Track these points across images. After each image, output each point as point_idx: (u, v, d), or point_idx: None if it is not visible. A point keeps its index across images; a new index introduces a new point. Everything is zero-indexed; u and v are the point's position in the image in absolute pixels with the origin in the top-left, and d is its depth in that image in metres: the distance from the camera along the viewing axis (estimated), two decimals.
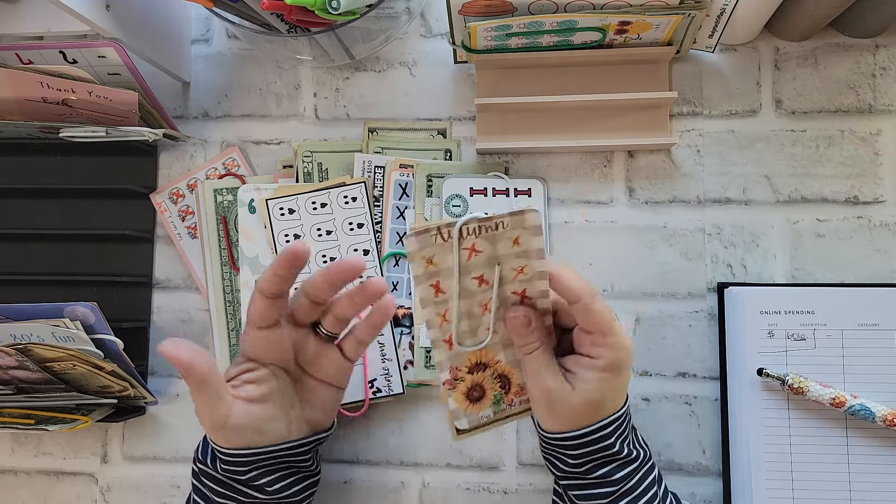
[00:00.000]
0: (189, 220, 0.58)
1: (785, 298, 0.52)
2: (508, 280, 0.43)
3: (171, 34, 0.57)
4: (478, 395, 0.46)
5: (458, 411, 0.45)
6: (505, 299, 0.43)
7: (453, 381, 0.45)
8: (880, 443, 0.50)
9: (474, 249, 0.41)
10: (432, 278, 0.41)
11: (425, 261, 0.40)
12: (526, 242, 0.41)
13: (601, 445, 0.42)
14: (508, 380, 0.46)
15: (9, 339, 0.47)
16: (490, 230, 0.40)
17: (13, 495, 0.58)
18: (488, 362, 0.45)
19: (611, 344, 0.41)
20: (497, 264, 0.42)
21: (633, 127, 0.55)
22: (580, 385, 0.42)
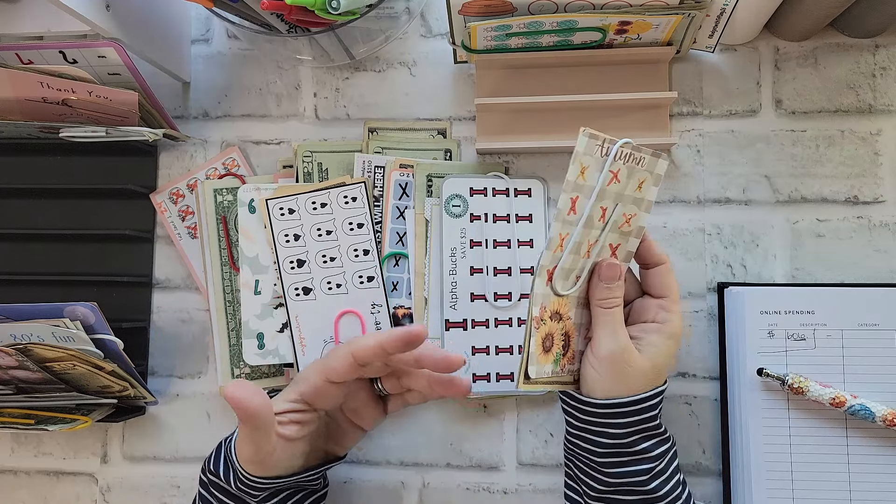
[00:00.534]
0: (189, 220, 0.58)
1: (785, 298, 0.52)
2: (616, 227, 0.45)
3: (171, 34, 0.57)
4: (548, 345, 0.45)
5: (534, 356, 0.44)
6: (603, 248, 0.45)
7: (540, 321, 0.44)
8: (880, 443, 0.50)
9: (616, 177, 0.43)
10: (575, 191, 0.42)
11: (581, 168, 0.42)
12: (646, 190, 0.44)
13: (649, 416, 0.43)
14: (569, 342, 0.46)
15: (9, 339, 0.47)
16: (634, 161, 0.43)
17: (13, 495, 0.58)
18: (563, 315, 0.45)
19: (677, 310, 0.45)
20: (619, 203, 0.44)
21: (633, 127, 0.55)
22: (648, 348, 0.44)
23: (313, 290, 0.54)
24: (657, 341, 0.44)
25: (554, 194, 0.56)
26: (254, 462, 0.42)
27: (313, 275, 0.55)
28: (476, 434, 0.55)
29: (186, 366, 0.58)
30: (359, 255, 0.55)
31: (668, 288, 0.45)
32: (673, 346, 0.44)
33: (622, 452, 0.43)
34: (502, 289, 0.54)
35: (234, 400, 0.40)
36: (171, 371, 0.58)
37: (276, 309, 0.55)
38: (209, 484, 0.46)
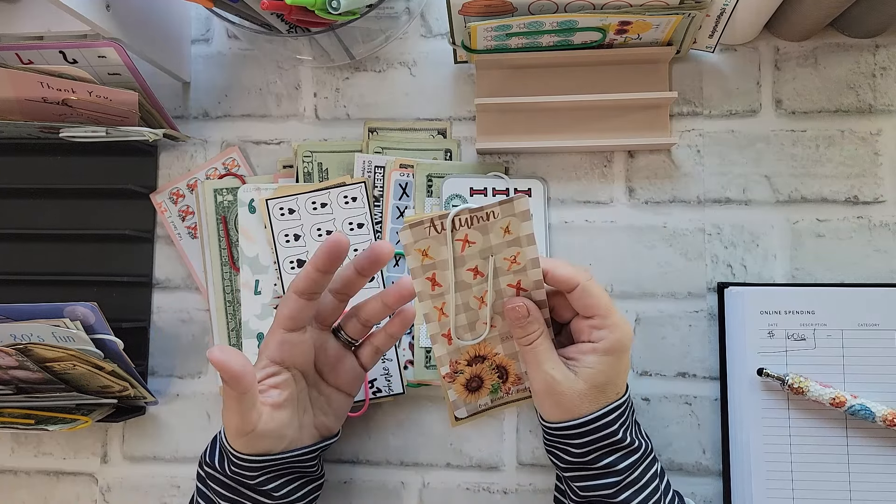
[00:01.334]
0: (189, 220, 0.58)
1: (785, 298, 0.52)
2: (503, 271, 0.43)
3: (171, 34, 0.57)
4: (476, 385, 0.47)
5: (458, 402, 0.47)
6: (500, 292, 0.44)
7: (453, 374, 0.46)
8: (880, 443, 0.50)
9: (467, 240, 0.42)
10: (428, 271, 0.42)
11: (421, 253, 0.41)
12: (516, 229, 0.42)
13: (605, 433, 0.43)
14: (506, 370, 0.47)
15: (9, 339, 0.47)
16: (481, 220, 0.41)
17: (13, 495, 0.58)
18: (486, 355, 0.46)
19: (611, 325, 0.42)
20: (490, 255, 0.42)
21: (633, 127, 0.55)
22: (584, 370, 0.42)
23: None
24: (593, 362, 0.42)
25: (554, 194, 0.56)
26: (243, 435, 0.42)
27: None
28: (476, 434, 0.55)
29: (186, 366, 0.58)
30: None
31: (592, 307, 0.42)
32: (613, 360, 0.42)
33: (585, 468, 0.44)
34: None
35: (220, 363, 0.39)
36: (171, 371, 0.58)
37: (276, 309, 0.55)
38: (206, 477, 0.46)
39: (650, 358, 0.55)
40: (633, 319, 0.55)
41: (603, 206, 0.56)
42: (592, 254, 0.56)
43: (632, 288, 0.55)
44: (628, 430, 0.44)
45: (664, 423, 0.54)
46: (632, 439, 0.44)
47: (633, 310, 0.55)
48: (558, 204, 0.56)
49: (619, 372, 0.43)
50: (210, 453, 0.46)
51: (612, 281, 0.55)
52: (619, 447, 0.43)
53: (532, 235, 0.42)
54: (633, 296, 0.55)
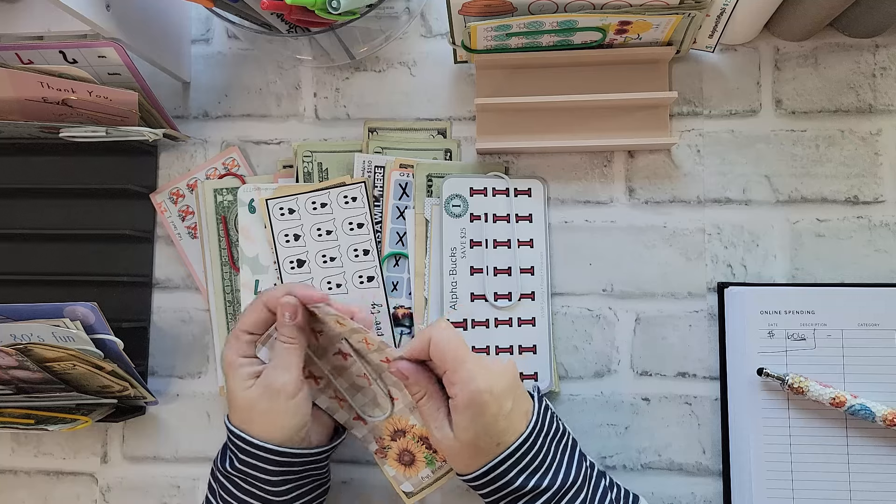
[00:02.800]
0: (189, 220, 0.58)
1: (785, 298, 0.52)
2: (366, 351, 0.46)
3: (171, 34, 0.57)
4: (409, 459, 0.48)
5: (399, 476, 0.48)
6: (378, 367, 0.47)
7: (382, 449, 0.49)
8: (880, 443, 0.50)
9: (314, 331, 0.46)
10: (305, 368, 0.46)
11: None
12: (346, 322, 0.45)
13: (501, 483, 0.42)
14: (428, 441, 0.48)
15: (9, 339, 0.47)
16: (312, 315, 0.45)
17: (13, 495, 0.58)
18: (404, 428, 0.48)
19: (462, 378, 0.41)
20: (343, 339, 0.46)
21: (633, 127, 0.55)
22: (455, 429, 0.42)
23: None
24: (459, 420, 0.41)
25: (554, 194, 0.56)
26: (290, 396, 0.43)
27: (313, 275, 0.55)
28: None
29: (186, 366, 0.58)
30: (359, 255, 0.55)
31: (443, 361, 0.42)
32: (473, 415, 0.41)
33: None
34: (502, 289, 0.54)
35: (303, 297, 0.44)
36: (171, 371, 0.58)
37: None
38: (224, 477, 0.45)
39: (650, 358, 0.55)
40: (633, 319, 0.55)
41: (603, 206, 0.56)
42: (592, 254, 0.56)
43: (632, 288, 0.55)
44: (534, 475, 0.42)
45: (664, 423, 0.54)
46: (537, 482, 0.42)
47: (633, 310, 0.55)
48: (558, 204, 0.56)
49: (486, 425, 0.41)
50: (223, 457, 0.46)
51: (612, 281, 0.55)
52: (521, 494, 0.42)
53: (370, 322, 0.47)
54: (633, 296, 0.55)
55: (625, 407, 0.54)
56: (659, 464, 0.54)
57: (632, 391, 0.54)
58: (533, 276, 0.54)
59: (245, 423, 0.44)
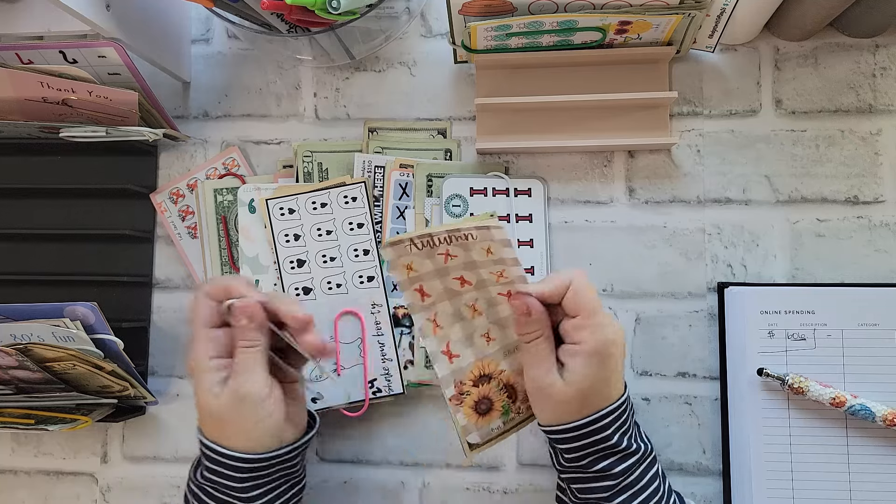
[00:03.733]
0: (189, 220, 0.58)
1: (785, 298, 0.52)
2: (492, 282, 0.43)
3: (171, 34, 0.57)
4: (486, 407, 0.46)
5: (469, 426, 0.45)
6: (492, 300, 0.44)
7: (459, 395, 0.45)
8: (880, 443, 0.50)
9: (448, 254, 0.42)
10: (415, 283, 0.42)
11: (405, 268, 0.41)
12: (498, 252, 0.42)
13: (598, 437, 0.42)
14: (514, 388, 0.46)
15: (9, 339, 0.47)
16: (460, 239, 0.41)
17: (13, 495, 0.58)
18: (492, 373, 0.45)
19: (594, 325, 0.42)
20: (475, 267, 0.43)
21: (633, 127, 0.55)
22: (569, 375, 0.42)
23: (313, 289, 0.54)
24: (578, 366, 0.41)
25: (554, 194, 0.56)
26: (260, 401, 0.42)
27: (313, 275, 0.55)
28: None
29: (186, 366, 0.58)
30: (359, 255, 0.55)
31: (578, 306, 0.42)
32: (597, 365, 0.41)
33: (580, 471, 0.43)
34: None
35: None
36: (171, 371, 0.58)
37: None
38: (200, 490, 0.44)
39: (650, 358, 0.55)
40: (633, 319, 0.55)
41: (603, 206, 0.56)
42: (592, 254, 0.56)
43: (632, 288, 0.55)
44: (625, 435, 0.43)
45: (664, 423, 0.54)
46: (629, 443, 0.43)
47: (633, 310, 0.55)
48: (558, 204, 0.56)
49: (605, 378, 0.42)
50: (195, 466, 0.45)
51: (612, 281, 0.55)
52: (614, 451, 0.43)
53: (517, 259, 0.42)
54: (633, 296, 0.55)
55: None
56: None
57: (632, 391, 0.54)
58: (533, 276, 0.54)
59: (217, 434, 0.43)
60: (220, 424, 0.42)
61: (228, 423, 0.42)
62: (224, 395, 0.42)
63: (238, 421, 0.42)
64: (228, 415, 0.42)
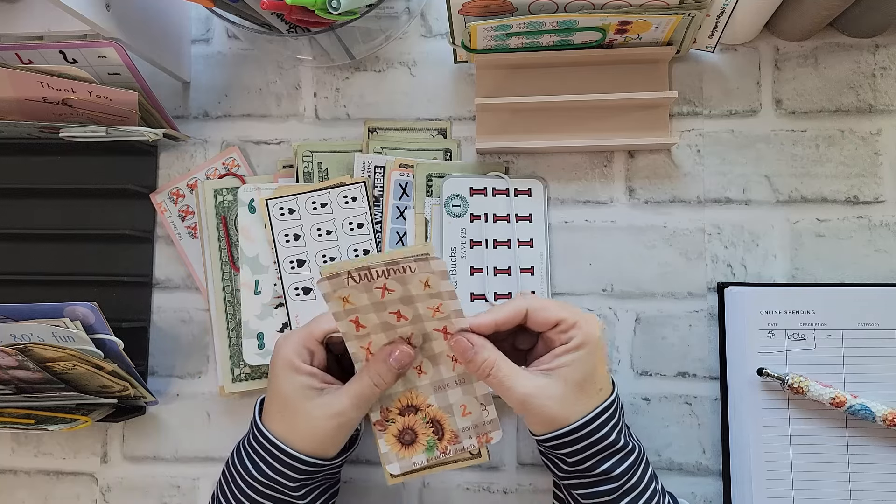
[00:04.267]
0: (189, 220, 0.58)
1: (785, 298, 0.52)
2: (427, 317, 0.43)
3: (171, 34, 0.57)
4: (409, 438, 0.46)
5: (390, 455, 0.46)
6: (428, 335, 0.44)
7: (384, 421, 0.46)
8: (880, 443, 0.50)
9: (386, 288, 0.42)
10: (351, 315, 0.42)
11: (341, 300, 0.42)
12: (436, 285, 0.42)
13: (597, 437, 0.42)
14: (441, 426, 0.46)
15: (9, 339, 0.47)
16: (398, 272, 0.41)
17: (13, 495, 0.58)
18: (419, 405, 0.46)
19: (576, 323, 0.42)
20: (412, 303, 0.43)
21: (633, 127, 0.55)
22: (560, 370, 0.42)
23: (313, 290, 0.54)
24: (567, 360, 0.42)
25: (554, 194, 0.56)
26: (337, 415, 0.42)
27: (313, 275, 0.55)
28: None
29: (186, 366, 0.58)
30: (359, 255, 0.55)
31: (550, 319, 0.43)
32: (586, 354, 0.42)
33: (582, 475, 0.43)
34: (502, 289, 0.54)
35: None
36: (171, 371, 0.58)
37: (276, 309, 0.55)
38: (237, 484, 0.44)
39: (650, 358, 0.55)
40: (633, 319, 0.55)
41: (603, 206, 0.56)
42: (592, 254, 0.56)
43: (632, 288, 0.55)
44: (621, 433, 0.43)
45: (664, 423, 0.54)
46: (625, 441, 0.43)
47: (633, 310, 0.55)
48: (558, 204, 0.56)
49: (595, 365, 0.43)
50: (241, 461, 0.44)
51: (612, 281, 0.55)
52: (613, 451, 0.43)
53: (454, 292, 0.42)
54: (633, 296, 0.55)
55: (625, 407, 0.54)
56: (659, 464, 0.54)
57: (632, 391, 0.54)
58: (533, 276, 0.54)
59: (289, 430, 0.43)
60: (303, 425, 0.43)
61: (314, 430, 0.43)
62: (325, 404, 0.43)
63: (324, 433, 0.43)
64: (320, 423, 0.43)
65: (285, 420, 0.43)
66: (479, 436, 0.46)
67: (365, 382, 0.43)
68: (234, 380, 0.56)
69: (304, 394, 0.43)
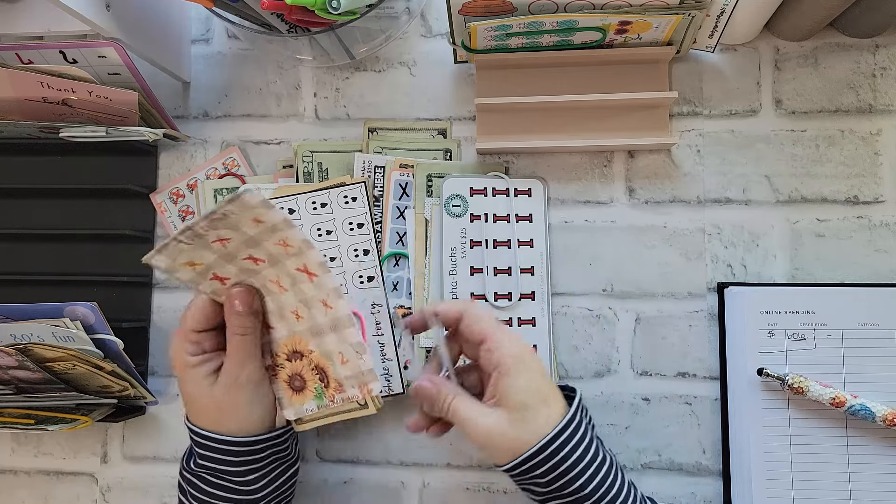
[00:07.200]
0: (189, 221, 0.58)
1: (785, 298, 0.52)
2: (283, 255, 0.42)
3: (171, 34, 0.57)
4: (299, 384, 0.46)
5: (284, 400, 0.46)
6: (294, 277, 0.43)
7: (274, 367, 0.46)
8: (880, 443, 0.50)
9: (221, 239, 0.41)
10: (207, 273, 0.42)
11: (188, 265, 0.41)
12: (266, 217, 0.40)
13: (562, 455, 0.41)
14: (326, 374, 0.46)
15: (9, 339, 0.47)
16: (221, 219, 0.39)
17: (13, 495, 0.58)
18: (302, 351, 0.45)
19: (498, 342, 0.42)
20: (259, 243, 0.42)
21: (633, 127, 0.55)
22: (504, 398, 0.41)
23: None
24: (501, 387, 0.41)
25: (554, 194, 0.56)
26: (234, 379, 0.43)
27: None
28: None
29: None
30: (359, 255, 0.55)
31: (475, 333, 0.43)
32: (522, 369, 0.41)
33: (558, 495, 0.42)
34: (502, 289, 0.54)
35: None
36: (171, 371, 0.58)
37: None
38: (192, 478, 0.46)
39: (650, 358, 0.55)
40: (633, 319, 0.55)
41: (603, 206, 0.56)
42: (592, 254, 0.56)
43: (632, 288, 0.55)
44: (590, 445, 0.42)
45: (664, 423, 0.54)
46: (594, 453, 0.42)
47: (633, 310, 0.55)
48: (558, 204, 0.56)
49: (534, 379, 0.42)
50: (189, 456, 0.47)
51: (612, 281, 0.55)
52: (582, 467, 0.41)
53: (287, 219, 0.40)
54: (633, 296, 0.55)
55: (625, 407, 0.54)
56: (659, 464, 0.54)
57: (632, 391, 0.54)
58: (533, 277, 0.54)
59: (210, 422, 0.44)
60: (216, 412, 0.44)
61: (225, 410, 0.44)
62: (219, 385, 0.43)
63: (234, 406, 0.44)
64: (225, 400, 0.43)
65: (203, 415, 0.44)
66: (361, 385, 0.45)
67: (231, 337, 0.44)
68: None
69: (205, 383, 0.43)
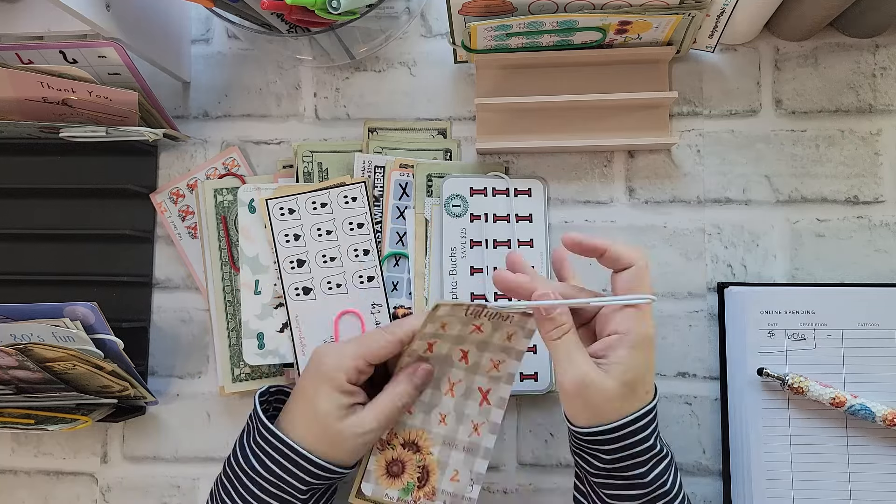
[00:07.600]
0: (189, 220, 0.58)
1: (785, 298, 0.52)
2: (483, 371, 0.46)
3: (171, 34, 0.57)
4: (396, 471, 0.46)
5: (371, 473, 0.46)
6: (470, 390, 0.46)
7: (386, 443, 0.46)
8: (880, 443, 0.50)
9: (479, 329, 0.44)
10: (434, 338, 0.44)
11: (441, 324, 0.43)
12: (517, 342, 0.44)
13: (637, 439, 0.41)
14: (428, 476, 0.46)
15: (9, 339, 0.47)
16: (500, 318, 0.43)
17: (13, 495, 0.58)
18: (421, 447, 0.46)
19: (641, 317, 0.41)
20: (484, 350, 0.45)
21: (633, 127, 0.55)
22: (614, 367, 0.40)
23: (313, 290, 0.55)
24: (623, 357, 0.40)
25: (554, 194, 0.56)
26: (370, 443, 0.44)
27: (313, 275, 0.55)
28: None
29: (186, 366, 0.58)
30: (359, 255, 0.55)
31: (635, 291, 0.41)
32: (641, 355, 0.41)
33: (614, 476, 0.42)
34: None
35: None
36: (171, 371, 0.58)
37: (276, 309, 0.55)
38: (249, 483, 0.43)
39: None
40: None
41: (603, 206, 0.56)
42: None
43: None
44: (658, 437, 0.43)
45: (664, 423, 0.54)
46: (661, 446, 0.42)
47: None
48: (558, 204, 0.56)
49: (649, 367, 0.42)
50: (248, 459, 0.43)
51: None
52: (649, 455, 0.41)
53: (522, 352, 0.44)
54: None
55: None
56: None
57: None
58: None
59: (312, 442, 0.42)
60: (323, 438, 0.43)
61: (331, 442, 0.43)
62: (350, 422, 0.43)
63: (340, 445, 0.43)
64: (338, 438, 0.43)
65: (312, 431, 0.43)
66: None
67: (390, 402, 0.44)
68: (234, 380, 0.56)
69: (339, 413, 0.42)
